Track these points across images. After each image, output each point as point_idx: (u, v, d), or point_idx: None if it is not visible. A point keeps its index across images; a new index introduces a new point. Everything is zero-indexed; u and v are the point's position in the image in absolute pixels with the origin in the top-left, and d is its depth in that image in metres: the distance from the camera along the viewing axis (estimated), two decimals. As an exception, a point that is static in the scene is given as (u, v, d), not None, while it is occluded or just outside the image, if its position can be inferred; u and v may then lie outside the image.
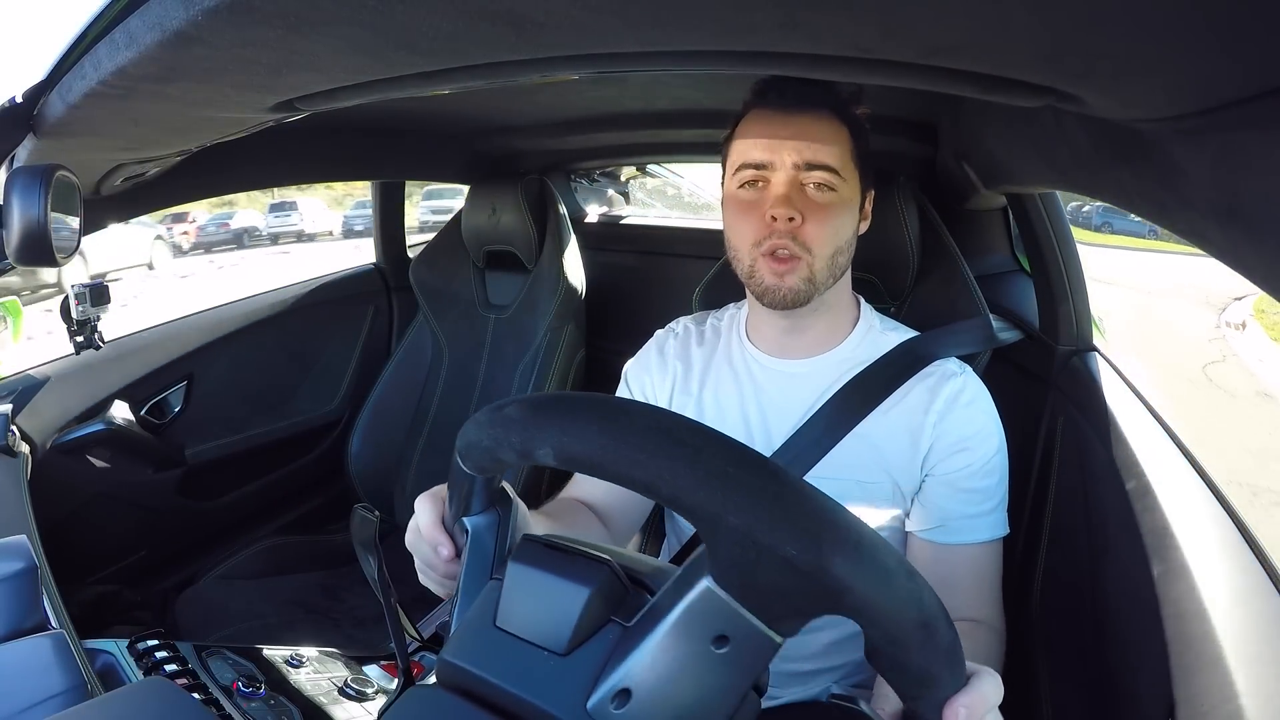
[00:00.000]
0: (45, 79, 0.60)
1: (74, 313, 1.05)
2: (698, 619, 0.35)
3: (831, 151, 0.72)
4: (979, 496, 0.73)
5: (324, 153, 1.32)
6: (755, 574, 0.34)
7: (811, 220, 0.71)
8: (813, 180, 0.72)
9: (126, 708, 0.51)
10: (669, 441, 0.35)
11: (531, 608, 0.38)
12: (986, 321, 0.85)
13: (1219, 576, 0.54)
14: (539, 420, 0.39)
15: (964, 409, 0.75)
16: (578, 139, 1.47)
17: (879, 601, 0.33)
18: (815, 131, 0.72)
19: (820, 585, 0.33)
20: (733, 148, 0.77)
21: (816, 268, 0.72)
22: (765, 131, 0.73)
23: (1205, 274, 7.24)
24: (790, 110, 0.73)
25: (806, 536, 0.33)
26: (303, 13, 0.38)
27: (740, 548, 0.33)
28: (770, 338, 0.82)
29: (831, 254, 0.73)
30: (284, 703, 0.80)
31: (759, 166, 0.73)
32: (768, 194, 0.72)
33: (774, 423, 0.78)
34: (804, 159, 0.71)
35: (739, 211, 0.75)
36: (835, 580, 0.32)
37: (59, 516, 1.15)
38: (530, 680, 0.36)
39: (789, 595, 0.34)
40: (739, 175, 0.75)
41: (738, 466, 0.34)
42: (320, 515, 1.71)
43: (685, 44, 0.42)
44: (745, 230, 0.74)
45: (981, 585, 0.74)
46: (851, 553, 0.33)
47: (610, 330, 1.60)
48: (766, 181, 0.73)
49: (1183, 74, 0.33)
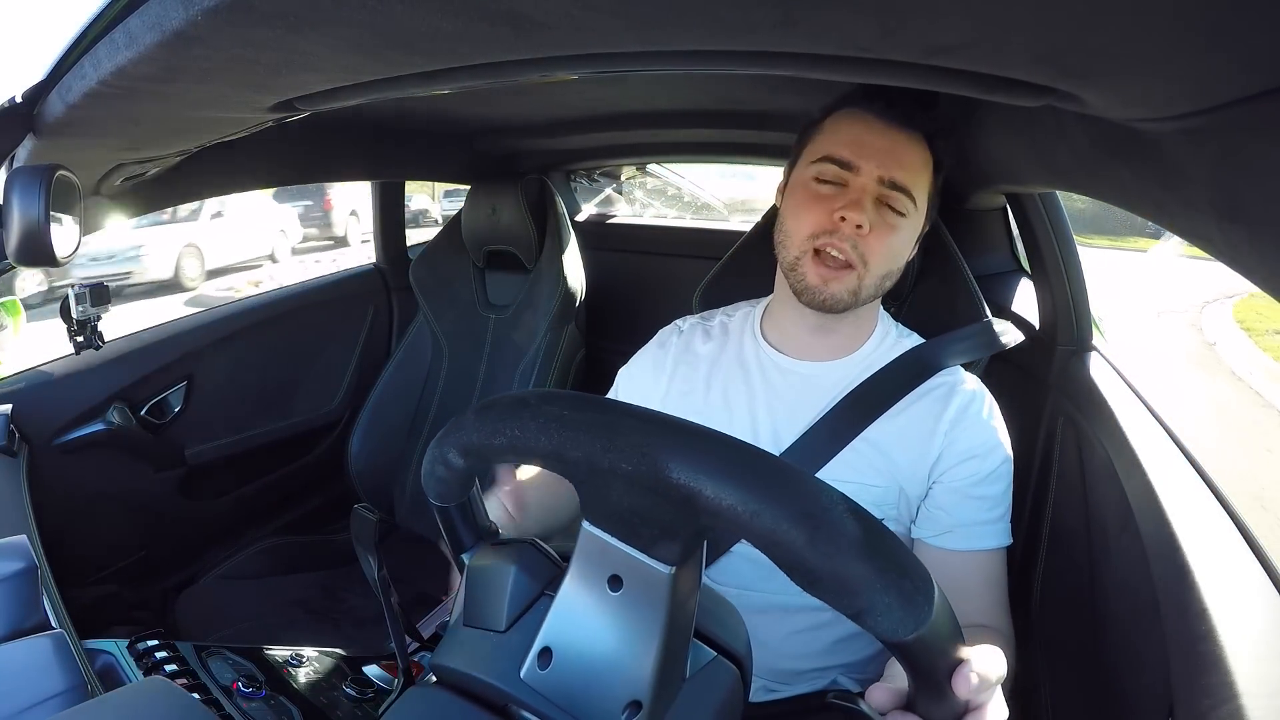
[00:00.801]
0: (45, 79, 0.60)
1: (74, 313, 1.05)
2: (587, 565, 0.37)
3: (915, 177, 0.72)
4: (987, 504, 0.74)
5: (324, 153, 1.32)
6: (610, 501, 0.35)
7: (876, 235, 0.70)
8: (891, 199, 0.71)
9: (126, 708, 0.51)
10: (521, 409, 0.38)
11: (480, 598, 0.42)
12: (990, 325, 0.86)
13: (1219, 577, 0.54)
14: (443, 439, 0.42)
15: (975, 419, 0.75)
16: (578, 139, 1.47)
17: (737, 499, 0.32)
18: (908, 151, 0.72)
19: (668, 497, 0.33)
20: (817, 139, 0.75)
21: (866, 282, 0.72)
22: (859, 134, 0.72)
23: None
24: (892, 123, 0.72)
25: (636, 450, 0.34)
26: (302, 13, 0.38)
27: (590, 480, 0.35)
28: (793, 336, 0.81)
29: (883, 274, 0.73)
30: (284, 703, 0.80)
31: (844, 165, 0.71)
32: (844, 195, 0.71)
33: (783, 423, 0.78)
34: (891, 175, 0.70)
35: (807, 200, 0.73)
36: (678, 486, 0.33)
37: (59, 516, 1.15)
38: (480, 660, 0.39)
39: (650, 516, 0.35)
40: (818, 166, 0.73)
41: (574, 410, 0.36)
42: (320, 515, 1.71)
43: (685, 44, 0.42)
44: (807, 220, 0.72)
45: (989, 591, 0.74)
46: (686, 453, 0.33)
47: (610, 330, 1.60)
48: (845, 183, 0.72)
49: (1183, 74, 0.33)
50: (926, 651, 0.33)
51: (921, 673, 0.35)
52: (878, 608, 0.31)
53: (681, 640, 0.38)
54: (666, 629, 0.36)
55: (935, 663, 0.34)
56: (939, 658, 0.34)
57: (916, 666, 0.34)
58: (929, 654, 0.33)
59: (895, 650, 0.33)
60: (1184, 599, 0.54)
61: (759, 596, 0.78)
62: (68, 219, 0.75)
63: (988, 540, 0.73)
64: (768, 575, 0.78)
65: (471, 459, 0.41)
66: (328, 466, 1.67)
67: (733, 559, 0.79)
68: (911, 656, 0.33)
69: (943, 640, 0.33)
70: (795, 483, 0.32)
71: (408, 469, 1.57)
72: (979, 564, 0.73)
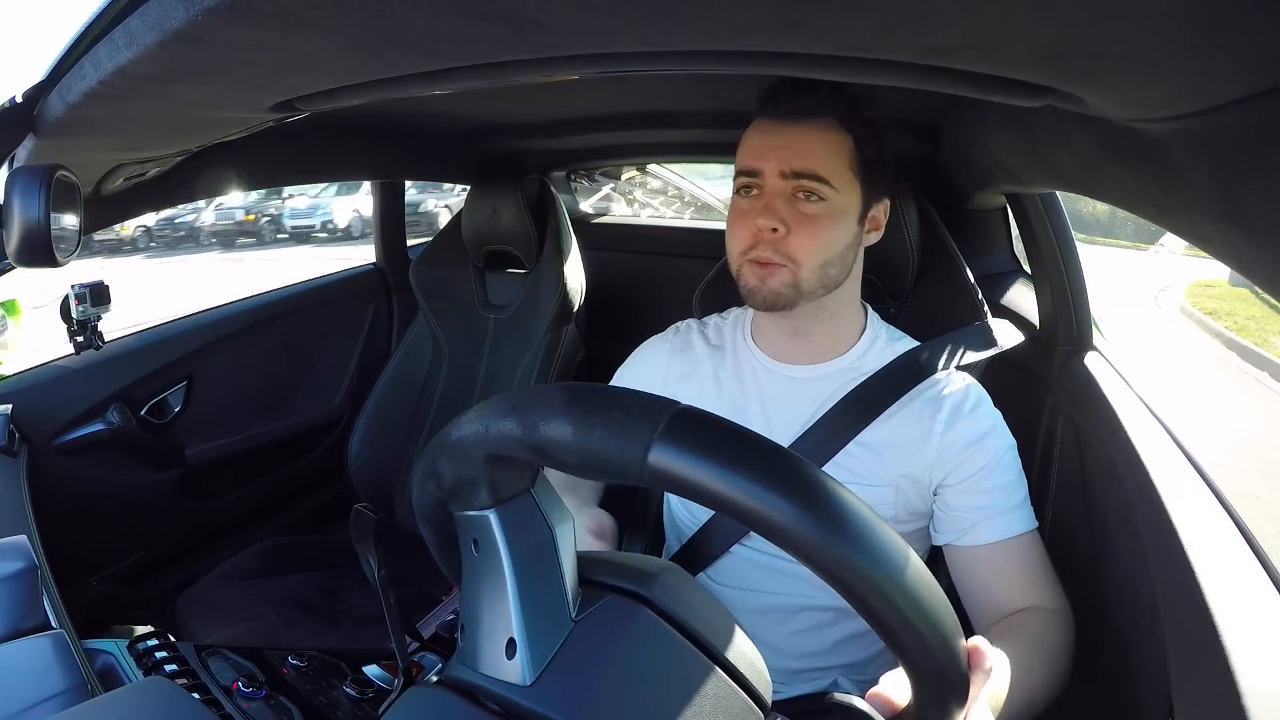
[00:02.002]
0: (45, 79, 0.60)
1: (74, 313, 1.05)
2: (462, 544, 0.41)
3: (824, 160, 0.71)
4: (1002, 494, 0.73)
5: (324, 152, 1.32)
6: (445, 481, 0.40)
7: (798, 231, 0.71)
8: (801, 189, 0.72)
9: (126, 708, 0.51)
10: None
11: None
12: (987, 327, 0.85)
13: (1219, 576, 0.54)
14: (425, 456, 0.44)
15: (969, 414, 0.75)
16: (578, 139, 1.47)
17: (471, 428, 0.37)
18: (807, 140, 0.72)
19: (455, 455, 0.38)
20: (737, 155, 0.77)
21: (801, 276, 0.72)
22: (758, 140, 0.74)
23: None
24: (784, 120, 0.73)
25: (441, 435, 0.39)
26: (303, 13, 0.38)
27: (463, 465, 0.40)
28: (773, 340, 0.82)
29: (820, 264, 0.72)
30: (284, 703, 0.80)
31: (750, 174, 0.74)
32: (757, 202, 0.73)
33: (777, 426, 0.79)
34: (791, 167, 0.71)
35: (733, 217, 0.76)
36: (456, 442, 0.38)
37: (59, 516, 1.15)
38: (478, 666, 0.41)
39: (460, 478, 0.39)
40: (739, 181, 0.76)
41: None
42: (320, 515, 1.71)
43: (685, 44, 0.42)
44: (737, 237, 0.75)
45: (1027, 575, 0.73)
46: (470, 414, 0.37)
47: (610, 330, 1.59)
48: (760, 190, 0.73)
49: (1183, 75, 0.33)
50: (926, 653, 0.33)
51: (922, 677, 0.35)
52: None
53: (546, 578, 0.39)
54: (513, 566, 0.38)
55: (936, 666, 0.34)
56: (941, 659, 0.33)
57: (917, 670, 0.34)
58: (928, 655, 0.33)
59: (892, 645, 0.33)
60: (1184, 599, 0.54)
61: (760, 597, 0.78)
62: (68, 219, 0.75)
63: (1013, 527, 0.73)
64: (769, 576, 0.78)
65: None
66: (328, 466, 1.67)
67: (733, 559, 0.80)
68: (903, 649, 0.33)
69: (943, 640, 0.33)
70: (635, 400, 0.35)
71: (408, 469, 1.57)
72: (1010, 552, 0.73)
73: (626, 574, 0.41)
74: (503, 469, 0.39)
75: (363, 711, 0.84)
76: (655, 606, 0.39)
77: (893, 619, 0.32)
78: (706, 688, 0.38)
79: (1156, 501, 0.63)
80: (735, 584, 0.80)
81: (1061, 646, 0.67)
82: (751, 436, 0.33)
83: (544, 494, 0.41)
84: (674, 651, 0.39)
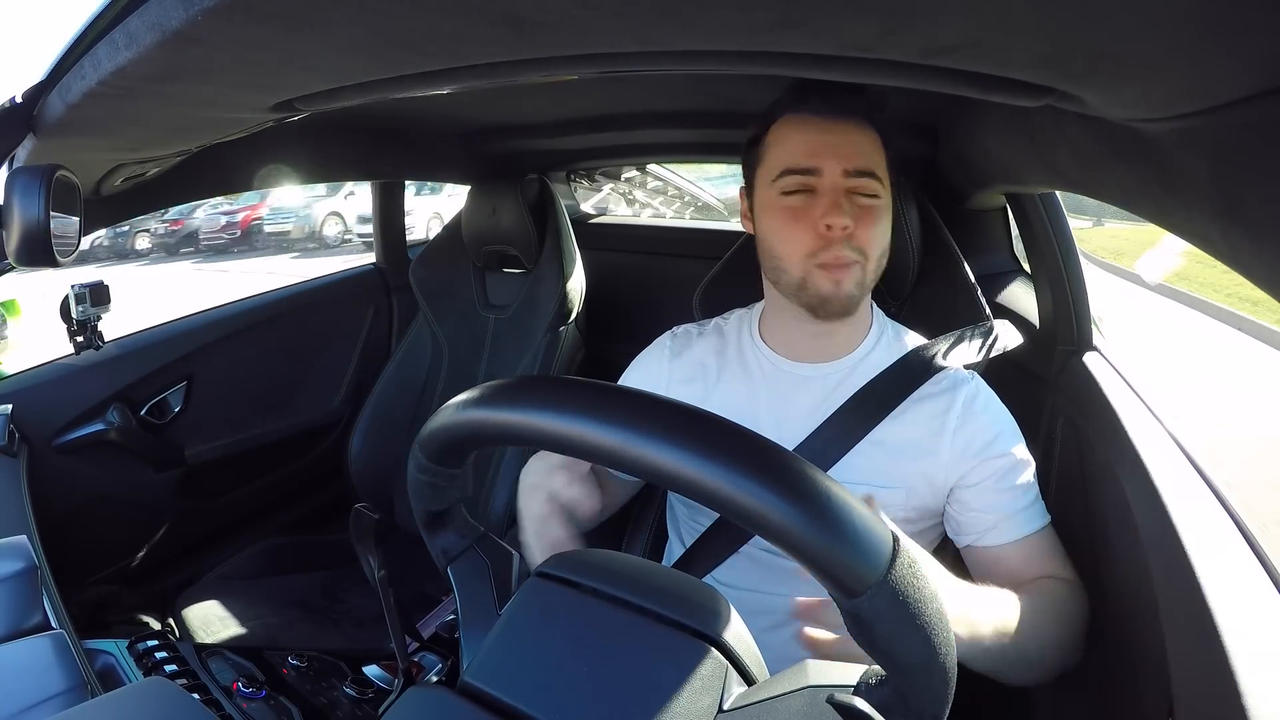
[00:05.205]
0: (45, 79, 0.60)
1: (74, 313, 1.05)
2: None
3: (875, 159, 0.72)
4: (1019, 491, 0.74)
5: (324, 152, 1.32)
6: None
7: (862, 226, 0.70)
8: (861, 187, 0.71)
9: (126, 708, 0.51)
10: None
11: None
12: (989, 326, 0.86)
13: (1219, 577, 0.54)
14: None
15: (980, 414, 0.75)
16: (578, 139, 1.47)
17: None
18: (859, 138, 0.72)
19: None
20: (768, 156, 0.75)
21: (869, 270, 0.72)
22: (810, 138, 0.72)
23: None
24: (834, 117, 0.72)
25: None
26: (302, 13, 0.38)
27: None
28: (792, 340, 0.81)
29: (879, 257, 0.73)
30: (284, 703, 0.80)
31: (807, 172, 0.71)
32: (818, 202, 0.71)
33: (786, 425, 0.78)
34: (854, 166, 0.70)
35: (788, 220, 0.72)
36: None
37: (59, 516, 1.15)
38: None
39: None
40: (781, 182, 0.73)
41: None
42: (320, 515, 1.71)
43: (685, 44, 0.42)
44: (797, 241, 0.72)
45: (1050, 560, 0.74)
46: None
47: (610, 330, 1.59)
48: (813, 190, 0.71)
49: (1183, 74, 0.33)
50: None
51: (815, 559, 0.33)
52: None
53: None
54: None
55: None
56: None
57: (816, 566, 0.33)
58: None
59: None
60: (1184, 599, 0.54)
61: (761, 597, 0.78)
62: (68, 219, 0.75)
63: (1033, 523, 0.74)
64: (771, 577, 0.78)
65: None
66: (328, 466, 1.67)
67: (739, 559, 0.79)
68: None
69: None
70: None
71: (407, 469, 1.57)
72: (1030, 548, 0.73)
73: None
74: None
75: (363, 711, 0.84)
76: (564, 580, 0.46)
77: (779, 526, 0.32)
78: (635, 631, 0.42)
79: (1156, 501, 0.63)
80: (737, 584, 0.79)
81: (1076, 613, 0.68)
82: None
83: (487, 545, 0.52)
84: (590, 612, 0.44)
